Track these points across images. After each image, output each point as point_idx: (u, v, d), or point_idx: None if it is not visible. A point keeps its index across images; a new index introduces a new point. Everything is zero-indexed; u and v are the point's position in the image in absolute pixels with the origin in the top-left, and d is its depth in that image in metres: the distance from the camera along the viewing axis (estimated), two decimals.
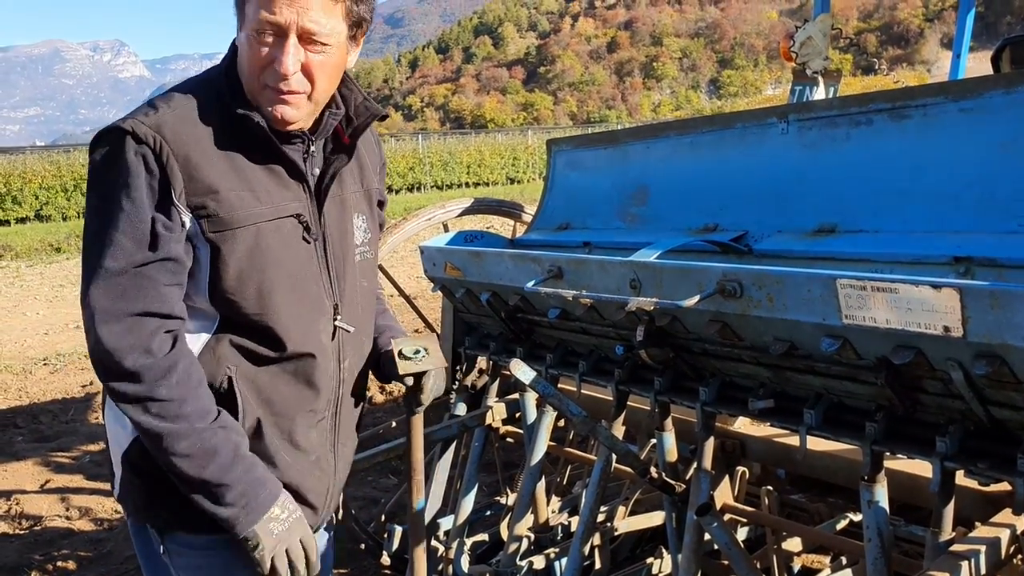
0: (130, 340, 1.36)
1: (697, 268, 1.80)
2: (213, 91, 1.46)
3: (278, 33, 1.38)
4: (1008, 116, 1.83)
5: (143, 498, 1.51)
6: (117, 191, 1.37)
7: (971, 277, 1.77)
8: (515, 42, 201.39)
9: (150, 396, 1.37)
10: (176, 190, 1.38)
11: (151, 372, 1.37)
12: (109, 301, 1.36)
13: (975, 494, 1.90)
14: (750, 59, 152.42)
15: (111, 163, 1.38)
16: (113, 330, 1.36)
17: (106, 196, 1.38)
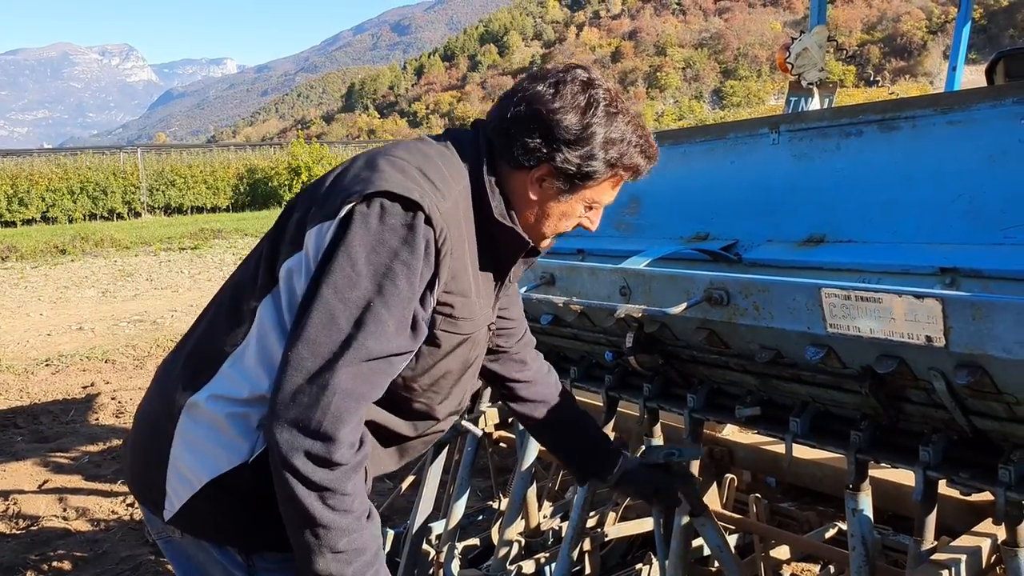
0: (351, 433, 1.31)
1: (685, 276, 1.82)
2: (465, 189, 1.47)
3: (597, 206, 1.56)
4: (996, 129, 1.85)
5: (236, 522, 1.44)
6: (398, 267, 1.33)
7: (957, 288, 1.79)
8: (520, 51, 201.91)
9: (336, 489, 1.30)
10: (439, 283, 1.40)
11: (349, 466, 1.31)
12: (354, 384, 1.31)
13: (958, 503, 1.91)
14: (753, 69, 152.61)
15: (402, 237, 1.33)
16: (343, 418, 1.29)
17: (387, 269, 1.32)
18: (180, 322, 9.16)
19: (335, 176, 1.47)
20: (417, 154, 1.47)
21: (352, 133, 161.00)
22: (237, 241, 17.40)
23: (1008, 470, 1.50)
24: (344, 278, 1.31)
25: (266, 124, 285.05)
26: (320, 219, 1.38)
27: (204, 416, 1.42)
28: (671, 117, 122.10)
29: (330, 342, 1.30)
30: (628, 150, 1.49)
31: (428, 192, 1.37)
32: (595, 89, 1.47)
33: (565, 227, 1.56)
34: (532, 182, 1.49)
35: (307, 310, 1.31)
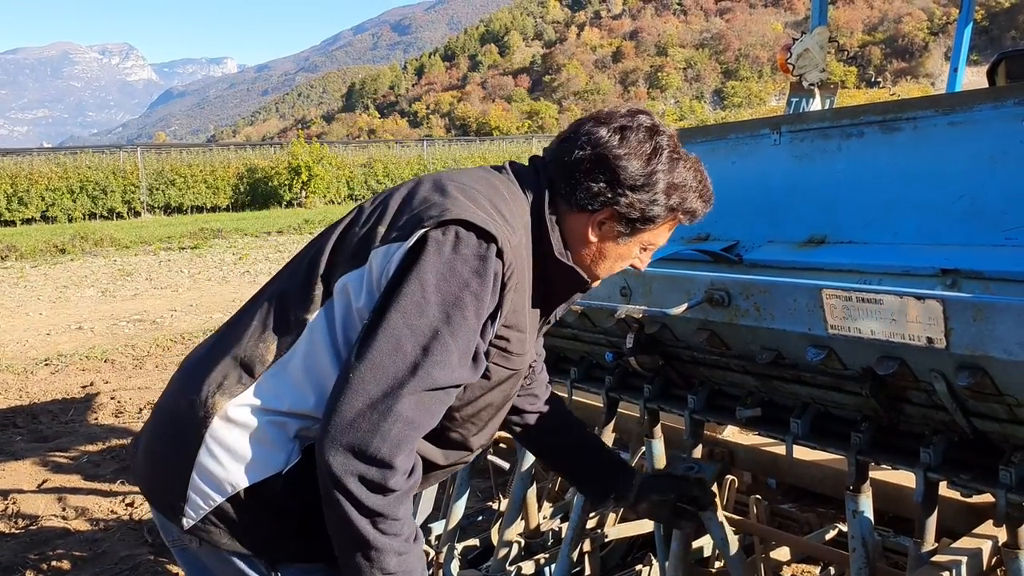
0: (406, 461, 1.31)
1: (686, 276, 1.82)
2: (527, 225, 1.49)
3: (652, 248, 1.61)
4: (996, 130, 1.85)
5: (263, 532, 1.43)
6: (467, 298, 1.33)
7: (957, 289, 1.79)
8: (521, 51, 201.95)
9: (388, 514, 1.31)
10: (501, 316, 1.41)
11: (401, 492, 1.32)
12: (415, 413, 1.31)
13: (959, 505, 1.91)
14: (754, 70, 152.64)
15: (474, 268, 1.34)
16: (401, 446, 1.30)
17: (456, 299, 1.33)
18: (180, 322, 9.16)
19: (402, 197, 1.47)
20: (486, 184, 1.48)
21: (352, 133, 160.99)
22: (237, 241, 17.40)
23: (1009, 472, 1.50)
24: (413, 304, 1.31)
25: (266, 124, 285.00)
26: (389, 240, 1.38)
27: (239, 423, 1.39)
28: (672, 117, 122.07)
29: (395, 368, 1.29)
30: (688, 195, 1.53)
31: (501, 225, 1.39)
32: (660, 136, 1.51)
33: (619, 268, 1.60)
34: (593, 225, 1.52)
35: (373, 333, 1.30)
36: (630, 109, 1.55)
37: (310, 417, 1.40)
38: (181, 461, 1.40)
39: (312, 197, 26.44)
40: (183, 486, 1.40)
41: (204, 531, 1.41)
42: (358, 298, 1.38)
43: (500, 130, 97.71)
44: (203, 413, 1.39)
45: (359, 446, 1.27)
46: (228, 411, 1.39)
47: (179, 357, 7.56)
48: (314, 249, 1.49)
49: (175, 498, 1.42)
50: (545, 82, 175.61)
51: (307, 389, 1.39)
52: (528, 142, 36.87)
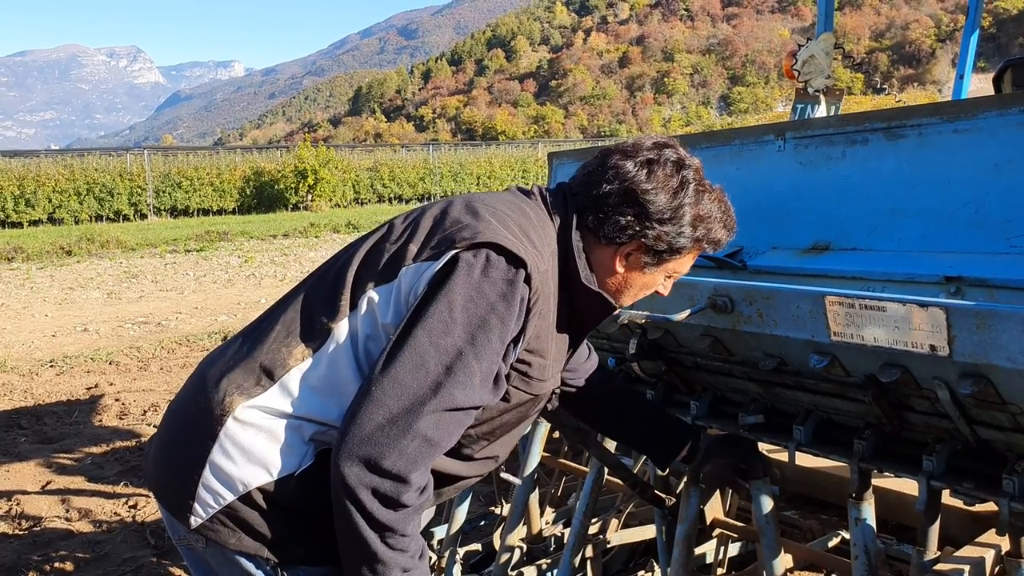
0: (421, 477, 1.33)
1: (689, 282, 1.81)
2: (554, 252, 1.52)
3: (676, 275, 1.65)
4: (1002, 137, 1.84)
5: (271, 533, 1.43)
6: (493, 321, 1.36)
7: (962, 297, 1.78)
8: (527, 55, 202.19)
9: (398, 529, 1.33)
10: (523, 340, 1.44)
11: (412, 508, 1.34)
12: (435, 432, 1.33)
13: (962, 513, 1.90)
14: (761, 76, 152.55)
15: (501, 292, 1.36)
16: (418, 463, 1.31)
17: (482, 321, 1.35)
18: (185, 324, 9.18)
19: (434, 217, 1.49)
20: (516, 210, 1.51)
21: (359, 137, 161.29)
22: (243, 244, 17.44)
23: (1012, 480, 1.50)
24: (440, 323, 1.33)
25: (273, 127, 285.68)
26: (421, 259, 1.40)
27: (255, 424, 1.40)
28: (678, 123, 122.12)
29: (416, 386, 1.31)
30: (714, 226, 1.58)
31: (531, 251, 1.41)
32: (686, 170, 1.55)
33: (643, 295, 1.64)
34: (621, 256, 1.56)
35: (398, 349, 1.32)
36: (656, 142, 1.59)
37: (326, 423, 1.42)
38: (194, 458, 1.42)
39: (318, 201, 26.49)
40: (194, 484, 1.41)
41: (212, 530, 1.42)
42: (385, 314, 1.40)
43: (506, 135, 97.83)
44: (220, 411, 1.41)
45: (375, 460, 1.29)
46: (245, 411, 1.40)
47: (184, 359, 7.57)
48: (342, 260, 1.51)
49: (185, 496, 1.43)
50: (551, 87, 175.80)
51: (326, 396, 1.41)
52: (534, 147, 36.88)
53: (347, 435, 1.30)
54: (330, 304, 1.44)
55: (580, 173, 1.62)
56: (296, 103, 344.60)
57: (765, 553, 1.92)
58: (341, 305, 1.43)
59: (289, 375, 1.41)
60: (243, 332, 1.56)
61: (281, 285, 11.23)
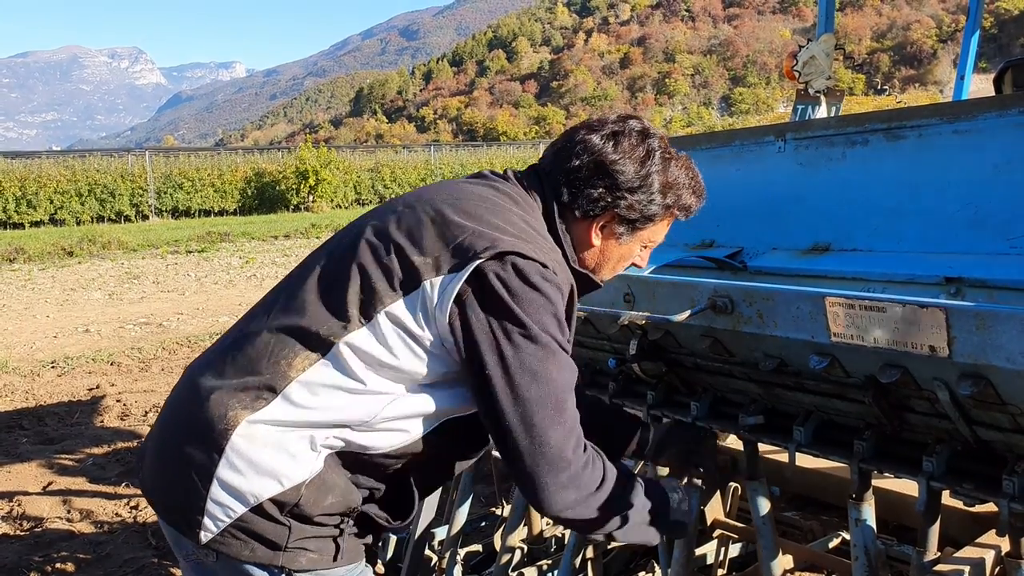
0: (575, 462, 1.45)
1: (689, 283, 1.82)
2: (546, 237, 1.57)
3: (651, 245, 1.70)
4: (1001, 138, 1.85)
5: (281, 542, 1.44)
6: (551, 333, 1.43)
7: (962, 297, 1.78)
8: (529, 56, 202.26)
9: (597, 501, 1.49)
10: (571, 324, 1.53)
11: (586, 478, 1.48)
12: (563, 434, 1.43)
13: (962, 514, 1.90)
14: (762, 77, 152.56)
15: (546, 292, 1.43)
16: (566, 456, 1.43)
17: (547, 333, 1.42)
18: (186, 325, 9.19)
19: (432, 221, 1.48)
20: (507, 200, 1.54)
21: (360, 137, 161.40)
22: (244, 245, 17.45)
23: (1012, 481, 1.49)
24: (519, 346, 1.39)
25: (274, 128, 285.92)
26: (443, 271, 1.42)
27: (261, 437, 1.40)
28: (679, 124, 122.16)
29: (526, 405, 1.40)
30: (682, 192, 1.63)
31: (545, 247, 1.48)
32: (651, 139, 1.60)
33: (622, 267, 1.69)
34: (595, 229, 1.60)
35: (489, 380, 1.40)
36: (620, 115, 1.63)
37: (334, 428, 1.43)
38: (200, 476, 1.41)
39: (319, 202, 26.51)
40: (202, 499, 1.41)
41: (223, 543, 1.42)
42: (411, 325, 1.41)
43: (507, 135, 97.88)
44: (223, 426, 1.40)
45: (542, 486, 1.42)
46: (250, 426, 1.40)
47: (185, 360, 7.57)
48: (328, 269, 1.50)
49: (193, 512, 1.42)
50: (553, 88, 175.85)
51: (332, 403, 1.41)
52: (535, 147, 36.89)
53: (524, 479, 1.43)
54: (334, 315, 1.43)
55: (549, 152, 1.65)
56: (297, 104, 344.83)
57: (764, 554, 1.93)
58: (350, 316, 1.42)
59: (291, 387, 1.41)
60: (228, 341, 1.54)
61: None
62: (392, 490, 1.56)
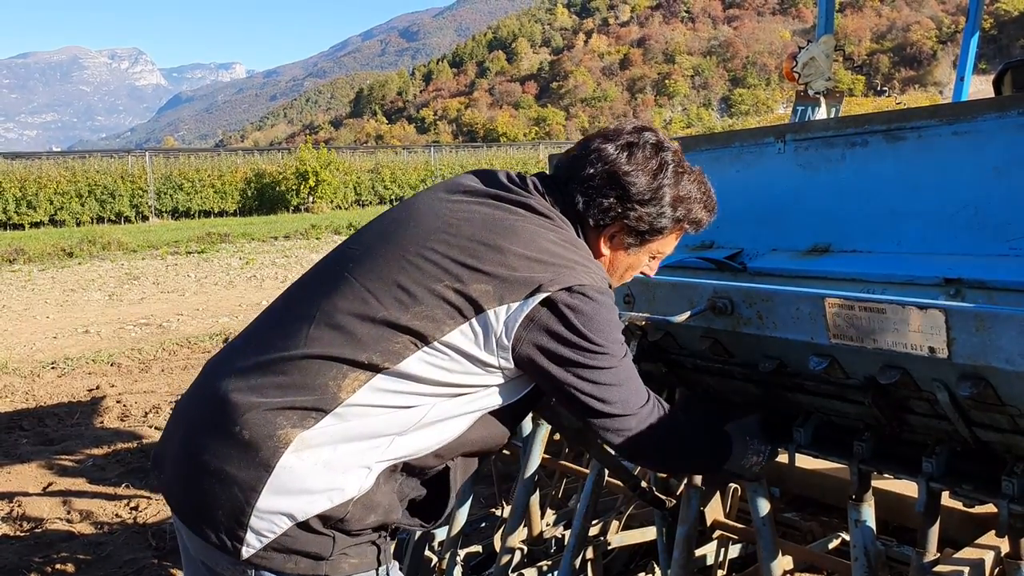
0: (662, 421, 1.58)
1: (689, 284, 1.82)
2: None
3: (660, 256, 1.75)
4: (1001, 140, 1.84)
5: (325, 552, 1.44)
6: (619, 343, 1.53)
7: (961, 299, 1.78)
8: (528, 57, 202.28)
9: (681, 447, 1.68)
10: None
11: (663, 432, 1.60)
12: (660, 437, 1.58)
13: (961, 515, 1.90)
14: (762, 78, 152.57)
15: (613, 320, 1.52)
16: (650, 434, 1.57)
17: (618, 345, 1.52)
18: (186, 326, 9.19)
19: (494, 251, 1.48)
20: (552, 225, 1.56)
21: (360, 138, 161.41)
22: (244, 245, 17.45)
23: (1011, 482, 1.50)
24: (592, 369, 1.48)
25: (274, 129, 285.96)
26: (506, 300, 1.44)
27: (312, 456, 1.39)
28: (679, 125, 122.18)
29: (613, 405, 1.52)
30: (693, 207, 1.65)
31: (594, 267, 1.54)
32: (665, 152, 1.62)
33: (630, 276, 1.73)
34: (605, 238, 1.63)
35: (575, 397, 1.50)
36: (636, 126, 1.65)
37: (383, 438, 1.44)
38: (245, 493, 1.39)
39: (319, 202, 26.50)
40: (246, 516, 1.39)
41: (265, 558, 1.41)
42: (477, 349, 1.45)
43: (507, 136, 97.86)
44: (273, 444, 1.38)
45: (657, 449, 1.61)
46: (301, 443, 1.39)
47: (185, 361, 7.57)
48: (375, 290, 1.47)
49: (235, 527, 1.40)
50: (552, 89, 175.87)
51: (382, 419, 1.43)
52: (535, 149, 36.90)
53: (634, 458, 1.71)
54: (387, 340, 1.42)
55: (565, 160, 1.66)
56: (297, 105, 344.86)
57: (763, 555, 1.93)
58: (404, 341, 1.42)
59: (341, 408, 1.40)
60: (263, 356, 1.48)
61: (282, 287, 11.11)
62: (432, 492, 1.59)
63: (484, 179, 1.66)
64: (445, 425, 1.50)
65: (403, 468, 1.50)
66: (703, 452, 1.74)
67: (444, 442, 1.51)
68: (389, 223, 1.60)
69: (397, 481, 1.51)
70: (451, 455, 1.55)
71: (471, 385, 1.49)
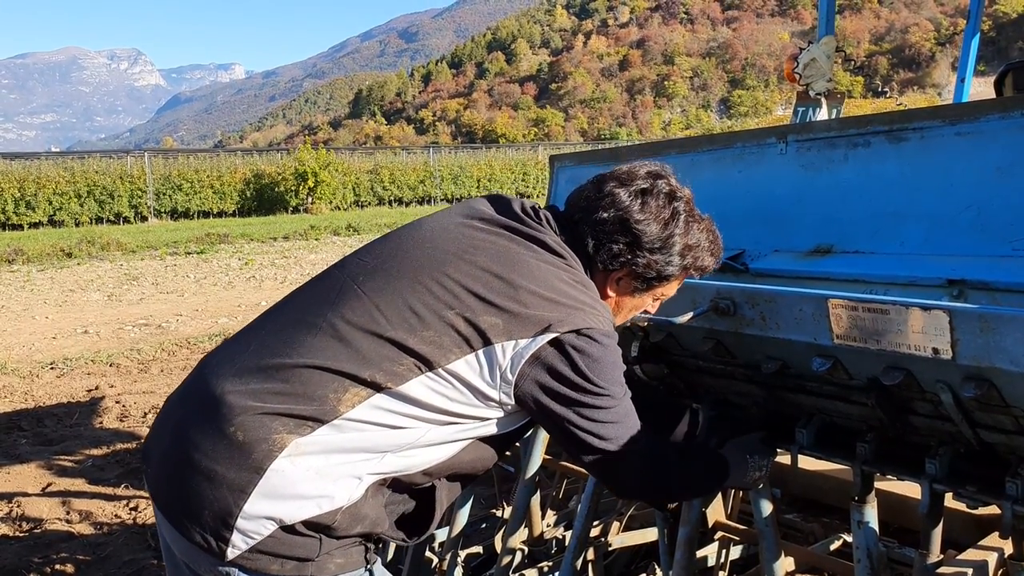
0: (649, 447, 1.60)
1: (691, 285, 1.82)
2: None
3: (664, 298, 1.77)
4: (1004, 141, 1.84)
5: (311, 555, 1.44)
6: (622, 384, 1.56)
7: (964, 300, 1.77)
8: (528, 58, 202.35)
9: (680, 479, 1.67)
10: None
11: (662, 471, 1.63)
12: (653, 471, 1.60)
13: (964, 517, 1.90)
14: (761, 79, 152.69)
15: (617, 363, 1.55)
16: (640, 446, 1.57)
17: (619, 387, 1.54)
18: (185, 326, 9.18)
19: (506, 285, 1.49)
20: (564, 264, 1.57)
21: (359, 139, 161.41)
22: (243, 246, 17.44)
23: (1015, 484, 1.50)
24: (605, 399, 1.51)
25: (273, 129, 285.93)
26: (514, 336, 1.46)
27: (307, 461, 1.40)
28: (678, 126, 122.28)
29: (610, 442, 1.53)
30: (701, 254, 1.68)
31: (601, 309, 1.55)
32: (677, 201, 1.64)
33: (632, 316, 1.76)
34: (612, 282, 1.65)
35: (574, 436, 1.52)
36: (650, 171, 1.66)
37: (377, 454, 1.45)
38: (234, 494, 1.38)
39: (318, 203, 26.49)
40: (232, 517, 1.38)
41: (250, 559, 1.41)
42: (480, 381, 1.47)
43: (506, 137, 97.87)
44: (267, 447, 1.38)
45: (649, 483, 1.62)
46: (296, 449, 1.39)
47: (184, 361, 7.56)
48: (384, 307, 1.47)
49: (220, 528, 1.39)
50: (551, 90, 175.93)
51: (379, 435, 1.44)
52: (534, 150, 36.90)
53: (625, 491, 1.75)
54: (391, 360, 1.43)
55: (578, 199, 1.67)
56: (296, 106, 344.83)
57: (765, 556, 1.93)
58: (407, 364, 1.43)
59: (341, 420, 1.41)
60: (263, 361, 1.47)
61: (281, 287, 11.22)
62: (419, 508, 1.59)
63: (499, 207, 1.66)
64: (438, 448, 1.52)
65: (391, 483, 1.50)
66: (698, 485, 1.76)
67: (435, 462, 1.52)
68: (406, 240, 1.59)
69: (384, 495, 1.51)
70: (440, 475, 1.56)
71: (469, 416, 1.50)
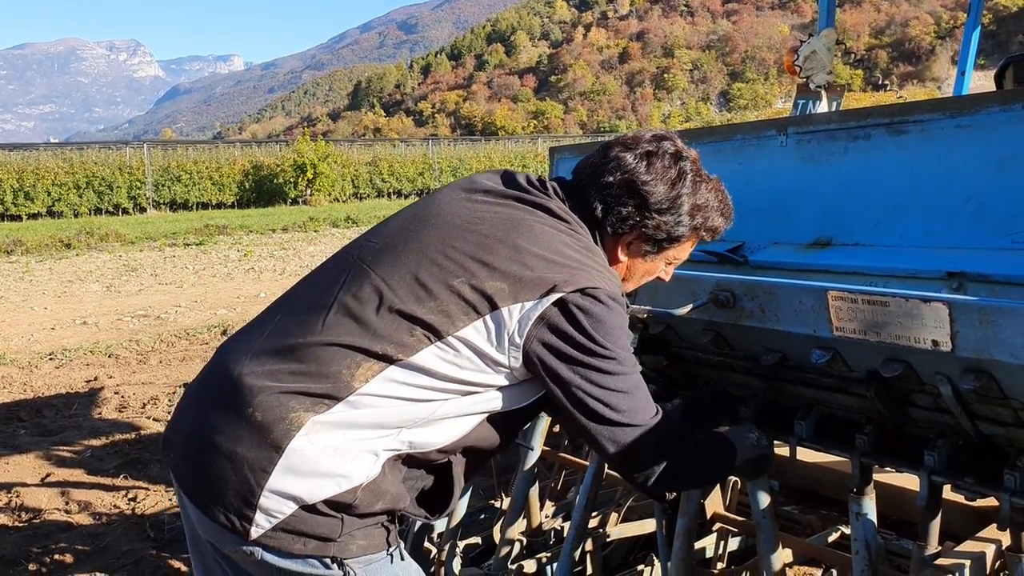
0: (661, 427, 1.56)
1: (691, 277, 1.82)
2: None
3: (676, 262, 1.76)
4: (1005, 133, 1.84)
5: (334, 534, 1.46)
6: (627, 350, 1.53)
7: (964, 292, 1.78)
8: (527, 50, 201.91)
9: (676, 470, 1.62)
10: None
11: (668, 455, 1.59)
12: (669, 454, 1.57)
13: (963, 509, 1.90)
14: (760, 72, 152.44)
15: (624, 327, 1.53)
16: (652, 423, 1.54)
17: (627, 354, 1.53)
18: (184, 317, 9.17)
19: (511, 250, 1.49)
20: (569, 229, 1.58)
21: (358, 131, 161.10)
22: (242, 238, 17.43)
23: (1013, 476, 1.50)
24: (599, 372, 1.48)
25: (272, 121, 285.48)
26: (520, 299, 1.46)
27: (325, 438, 1.41)
28: (678, 119, 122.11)
29: (620, 414, 1.51)
30: (711, 214, 1.67)
31: (608, 273, 1.55)
32: (683, 161, 1.64)
33: (646, 281, 1.75)
34: (623, 245, 1.65)
35: (582, 401, 1.49)
36: (655, 134, 1.66)
37: (394, 429, 1.46)
38: (255, 473, 1.40)
39: (317, 195, 26.47)
40: (255, 496, 1.41)
41: (273, 538, 1.43)
42: (489, 346, 1.47)
43: (505, 130, 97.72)
44: (285, 426, 1.40)
45: (652, 465, 1.57)
46: (313, 426, 1.41)
47: (183, 352, 7.56)
48: (393, 283, 1.49)
49: (244, 508, 1.41)
50: (551, 82, 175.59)
51: (395, 410, 1.45)
52: (533, 142, 36.87)
53: (629, 469, 1.58)
54: (402, 332, 1.45)
55: (585, 166, 1.67)
56: (295, 97, 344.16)
57: (763, 548, 1.93)
58: (417, 335, 1.44)
59: (354, 396, 1.42)
60: (278, 342, 1.50)
61: (281, 279, 11.22)
62: (437, 485, 1.60)
63: (504, 180, 1.68)
64: (452, 423, 1.52)
65: (407, 459, 1.52)
66: (708, 471, 1.76)
67: (449, 439, 1.53)
68: (411, 219, 1.62)
69: (401, 471, 1.52)
70: (454, 451, 1.57)
71: (481, 384, 1.50)
